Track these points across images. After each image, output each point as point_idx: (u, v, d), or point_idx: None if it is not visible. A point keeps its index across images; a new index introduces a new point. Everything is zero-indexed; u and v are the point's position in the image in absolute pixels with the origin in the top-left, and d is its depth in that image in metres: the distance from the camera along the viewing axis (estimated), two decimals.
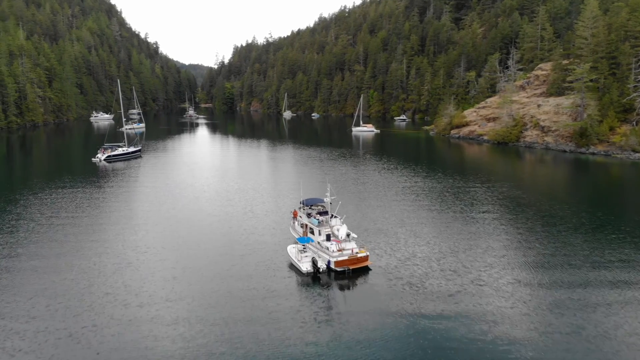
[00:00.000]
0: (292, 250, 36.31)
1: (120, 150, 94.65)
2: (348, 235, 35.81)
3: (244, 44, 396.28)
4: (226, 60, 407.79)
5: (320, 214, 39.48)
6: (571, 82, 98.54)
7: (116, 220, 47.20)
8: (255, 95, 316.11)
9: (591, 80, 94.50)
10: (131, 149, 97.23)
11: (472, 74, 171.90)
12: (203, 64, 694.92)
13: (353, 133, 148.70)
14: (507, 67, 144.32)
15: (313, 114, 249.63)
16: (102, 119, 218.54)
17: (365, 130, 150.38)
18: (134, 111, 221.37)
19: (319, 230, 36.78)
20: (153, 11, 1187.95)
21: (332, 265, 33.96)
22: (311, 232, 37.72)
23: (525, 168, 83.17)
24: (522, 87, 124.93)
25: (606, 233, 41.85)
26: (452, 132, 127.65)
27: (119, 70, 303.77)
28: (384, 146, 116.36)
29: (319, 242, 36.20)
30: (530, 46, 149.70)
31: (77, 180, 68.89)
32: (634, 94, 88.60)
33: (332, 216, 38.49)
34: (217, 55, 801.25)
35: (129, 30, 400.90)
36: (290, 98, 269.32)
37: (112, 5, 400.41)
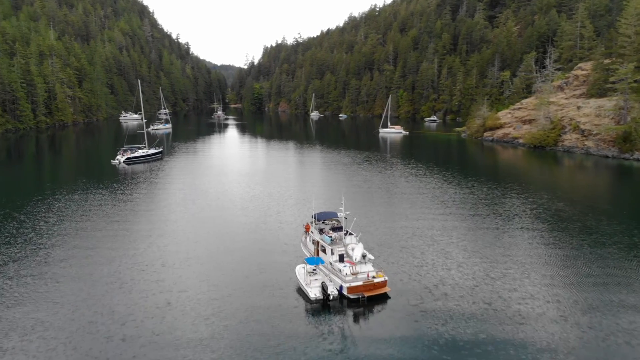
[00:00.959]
0: (300, 272, 32.20)
1: (140, 152, 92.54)
2: (364, 256, 31.45)
3: (273, 45, 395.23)
4: (256, 61, 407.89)
5: (334, 229, 35.27)
6: (614, 82, 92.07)
7: (113, 232, 43.84)
8: (283, 96, 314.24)
9: (635, 81, 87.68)
10: (152, 151, 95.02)
11: (507, 73, 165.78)
12: (234, 64, 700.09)
13: (380, 135, 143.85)
14: (544, 67, 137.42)
15: (340, 115, 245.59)
16: (131, 119, 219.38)
17: (393, 132, 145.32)
18: (163, 111, 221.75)
19: (332, 250, 32.57)
20: (186, 12, 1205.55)
21: (345, 292, 29.70)
22: (323, 250, 33.56)
23: (564, 175, 76.95)
24: (560, 88, 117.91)
25: None
26: (485, 134, 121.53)
27: (150, 70, 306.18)
28: (413, 149, 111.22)
29: (330, 263, 32.01)
30: (568, 45, 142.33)
31: (91, 184, 66.38)
32: None
33: (346, 232, 34.22)
34: (246, 56, 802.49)
35: (160, 31, 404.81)
36: (318, 98, 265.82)
37: (145, 6, 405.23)
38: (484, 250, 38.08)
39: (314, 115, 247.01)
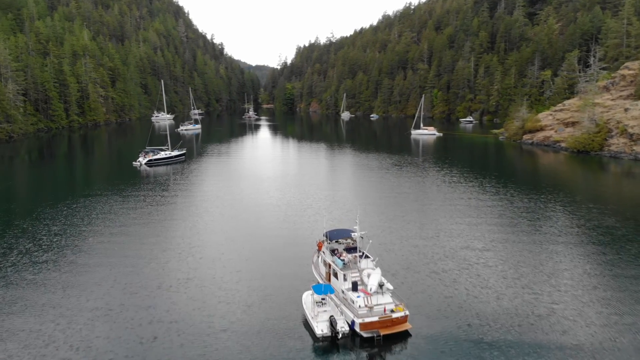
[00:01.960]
0: (308, 300, 27.91)
1: (162, 154, 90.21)
2: (381, 285, 26.79)
3: (306, 45, 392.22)
4: (289, 61, 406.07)
5: (348, 250, 30.80)
6: None
7: (106, 245, 40.61)
8: (315, 96, 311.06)
9: None
10: (174, 153, 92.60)
11: (548, 73, 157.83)
12: (269, 65, 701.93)
13: (412, 136, 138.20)
14: (588, 66, 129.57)
15: (372, 115, 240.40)
16: (162, 119, 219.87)
17: (425, 133, 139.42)
18: (195, 111, 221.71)
19: (344, 275, 28.13)
20: (222, 14, 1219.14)
21: (357, 328, 25.27)
22: (334, 275, 29.15)
23: (613, 184, 69.91)
24: (606, 88, 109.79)
25: None
26: (525, 137, 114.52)
27: (184, 71, 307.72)
28: (447, 152, 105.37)
29: (342, 291, 27.63)
30: (614, 43, 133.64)
31: (107, 187, 63.88)
32: None
33: (362, 254, 29.67)
34: (280, 56, 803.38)
35: (195, 31, 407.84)
36: (350, 98, 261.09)
37: (180, 7, 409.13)
38: (527, 277, 32.78)
39: (345, 115, 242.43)
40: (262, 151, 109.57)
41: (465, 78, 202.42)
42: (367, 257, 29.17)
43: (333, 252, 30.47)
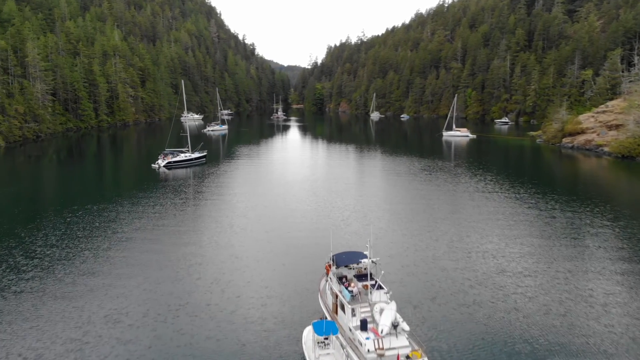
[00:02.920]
0: (309, 339, 23.71)
1: (182, 156, 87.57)
2: (395, 326, 22.34)
3: (337, 44, 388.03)
4: (319, 61, 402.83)
5: (359, 277, 26.37)
6: None
7: (91, 261, 37.32)
8: (344, 96, 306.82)
9: None
10: (195, 155, 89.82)
11: (589, 72, 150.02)
12: (301, 65, 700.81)
13: (444, 138, 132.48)
14: (632, 65, 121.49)
15: (402, 115, 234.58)
16: (191, 119, 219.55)
17: (458, 135, 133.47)
18: (225, 112, 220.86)
19: (352, 310, 23.74)
20: (254, 14, 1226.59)
21: None
22: (342, 308, 24.77)
23: None
24: None
25: None
26: (564, 140, 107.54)
27: (214, 71, 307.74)
28: (481, 156, 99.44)
29: (350, 329, 23.31)
30: None
31: (121, 192, 61.29)
32: None
33: (375, 284, 25.12)
34: (310, 56, 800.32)
35: (227, 32, 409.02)
36: (380, 98, 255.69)
37: (212, 8, 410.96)
38: (575, 313, 27.67)
39: (374, 115, 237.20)
40: (286, 153, 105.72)
41: (500, 77, 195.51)
42: (380, 287, 24.57)
43: (341, 279, 26.14)
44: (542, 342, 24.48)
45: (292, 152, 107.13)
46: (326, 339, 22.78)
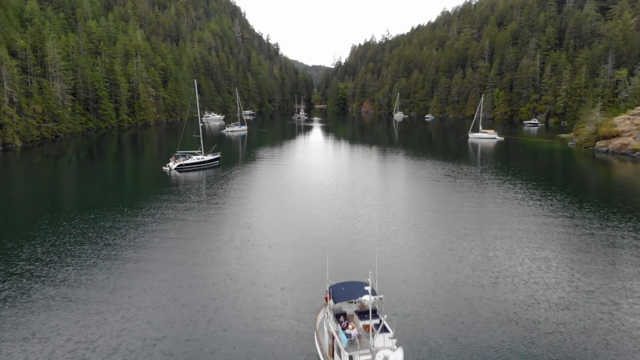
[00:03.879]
0: None
1: (194, 159, 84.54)
2: None
3: (361, 43, 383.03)
4: (343, 61, 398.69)
5: (361, 314, 22.17)
6: None
7: (77, 273, 33.87)
8: (367, 96, 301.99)
9: None
10: (208, 157, 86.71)
11: (623, 72, 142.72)
12: (325, 64, 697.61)
13: (470, 140, 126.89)
14: None
15: (427, 116, 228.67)
16: (212, 120, 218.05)
17: (485, 137, 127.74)
18: (245, 112, 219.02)
19: (350, 358, 19.56)
20: (278, 14, 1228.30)
21: None
22: (338, 352, 20.63)
23: None
24: None
25: None
26: (598, 144, 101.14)
27: (238, 71, 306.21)
28: (509, 160, 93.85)
29: None
30: None
31: (127, 197, 58.33)
32: None
33: (379, 324, 20.66)
34: (334, 56, 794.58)
35: (251, 32, 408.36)
36: (404, 98, 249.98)
37: (237, 7, 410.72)
38: (624, 358, 23.19)
39: (398, 116, 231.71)
40: (304, 155, 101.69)
41: (529, 77, 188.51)
42: (385, 330, 20.23)
43: (339, 316, 22.00)
44: None
45: (309, 155, 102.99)
46: None
